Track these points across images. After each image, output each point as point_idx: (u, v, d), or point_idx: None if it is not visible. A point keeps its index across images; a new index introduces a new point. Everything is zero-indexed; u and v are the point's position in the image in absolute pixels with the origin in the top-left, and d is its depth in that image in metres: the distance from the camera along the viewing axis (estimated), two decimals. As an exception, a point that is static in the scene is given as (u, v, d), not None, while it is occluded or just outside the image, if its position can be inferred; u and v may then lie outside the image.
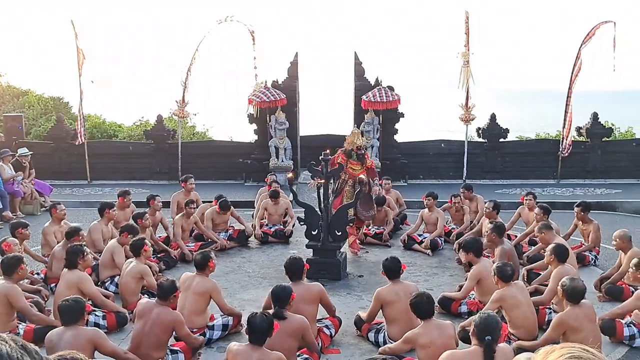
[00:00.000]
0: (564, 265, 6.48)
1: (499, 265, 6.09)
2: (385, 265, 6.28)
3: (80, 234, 7.77)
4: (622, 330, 6.21)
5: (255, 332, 4.63)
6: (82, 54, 15.39)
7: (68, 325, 5.00)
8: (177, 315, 5.69)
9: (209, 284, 6.40)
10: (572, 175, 15.91)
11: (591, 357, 1.46)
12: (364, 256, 9.60)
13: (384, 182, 11.53)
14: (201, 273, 6.44)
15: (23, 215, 12.12)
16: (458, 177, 15.89)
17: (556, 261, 6.51)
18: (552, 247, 6.64)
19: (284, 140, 15.45)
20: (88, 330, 5.06)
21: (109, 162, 16.60)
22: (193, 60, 15.88)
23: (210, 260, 6.47)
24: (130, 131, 21.09)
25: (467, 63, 15.08)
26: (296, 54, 16.16)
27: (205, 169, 16.23)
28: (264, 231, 10.38)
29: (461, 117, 15.63)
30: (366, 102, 14.89)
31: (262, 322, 4.62)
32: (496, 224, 7.90)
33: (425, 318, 5.20)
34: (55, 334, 5.05)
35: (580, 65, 14.69)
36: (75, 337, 4.89)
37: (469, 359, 4.31)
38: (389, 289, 6.16)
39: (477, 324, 4.36)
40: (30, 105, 21.66)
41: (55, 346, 4.85)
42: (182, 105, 16.13)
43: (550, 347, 1.55)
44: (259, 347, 4.61)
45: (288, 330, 5.18)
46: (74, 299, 5.16)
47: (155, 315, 5.53)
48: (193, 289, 6.34)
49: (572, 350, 1.49)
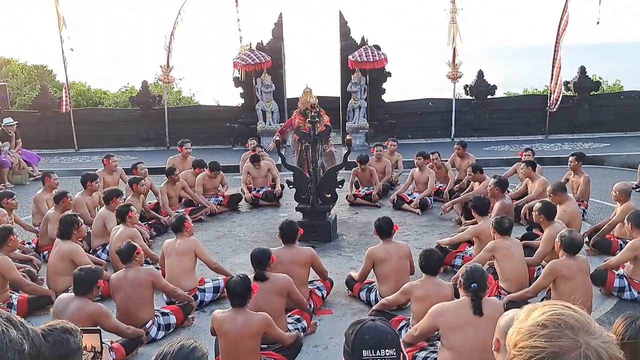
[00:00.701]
0: (553, 224, 6.50)
1: (497, 218, 6.17)
2: (378, 225, 6.33)
3: (68, 196, 7.85)
4: (613, 281, 6.31)
5: (234, 295, 4.66)
6: (64, 21, 15.12)
7: (77, 295, 5.03)
8: (150, 269, 5.91)
9: (190, 242, 6.52)
10: (560, 130, 15.94)
11: (573, 314, 1.48)
12: (354, 217, 9.65)
13: (390, 143, 11.40)
14: (180, 235, 6.52)
15: (12, 186, 12.07)
16: (446, 135, 15.92)
17: (546, 220, 6.54)
18: (539, 207, 6.58)
19: (270, 103, 15.36)
20: (92, 305, 5.06)
21: (96, 129, 16.49)
22: (176, 24, 15.64)
23: (185, 221, 6.57)
24: (115, 98, 20.88)
25: (454, 20, 14.95)
26: (280, 15, 15.95)
27: (192, 134, 16.07)
28: (254, 195, 10.39)
29: (448, 74, 15.57)
30: (352, 61, 14.79)
31: (238, 284, 4.64)
32: (500, 178, 7.95)
33: (428, 274, 5.27)
34: (63, 300, 5.10)
35: (567, 18, 14.53)
36: (78, 309, 4.92)
37: (458, 308, 4.38)
38: (380, 247, 6.23)
39: (463, 274, 4.44)
40: (14, 74, 21.37)
41: (60, 313, 4.92)
42: (167, 71, 15.93)
43: (532, 306, 1.57)
44: (242, 309, 4.64)
45: (272, 289, 5.23)
46: (88, 270, 5.16)
47: (131, 278, 5.64)
48: (176, 250, 6.44)
49: (554, 307, 1.51)
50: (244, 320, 4.58)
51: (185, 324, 5.99)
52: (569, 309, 1.50)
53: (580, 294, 5.24)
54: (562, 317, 1.47)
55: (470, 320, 4.27)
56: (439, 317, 4.40)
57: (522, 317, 1.55)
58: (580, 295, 5.21)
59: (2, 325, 1.37)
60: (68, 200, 7.81)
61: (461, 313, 4.33)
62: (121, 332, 5.26)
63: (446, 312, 4.40)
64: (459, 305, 4.40)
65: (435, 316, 4.43)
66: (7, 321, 1.40)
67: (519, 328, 1.52)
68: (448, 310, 4.41)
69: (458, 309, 4.37)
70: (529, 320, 1.51)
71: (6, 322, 1.40)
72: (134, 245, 5.88)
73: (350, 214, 9.78)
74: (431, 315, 4.46)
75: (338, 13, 15.90)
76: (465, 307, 4.34)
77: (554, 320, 1.46)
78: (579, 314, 1.49)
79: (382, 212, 9.59)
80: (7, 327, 1.38)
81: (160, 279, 5.88)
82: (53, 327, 1.88)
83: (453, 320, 4.33)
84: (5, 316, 1.42)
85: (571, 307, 1.51)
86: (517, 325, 1.54)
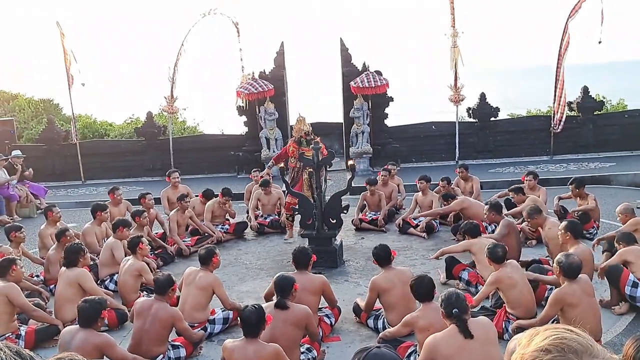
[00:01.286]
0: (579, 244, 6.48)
1: (489, 247, 6.09)
2: (376, 253, 6.31)
3: (67, 234, 7.82)
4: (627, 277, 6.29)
5: (247, 325, 4.62)
6: (73, 56, 15.35)
7: (82, 327, 5.03)
8: (174, 311, 5.77)
9: (211, 278, 6.42)
10: (565, 150, 15.93)
11: (575, 337, 1.48)
12: (360, 242, 9.63)
13: (390, 167, 11.31)
14: (205, 268, 6.46)
15: (20, 219, 12.12)
16: (450, 158, 15.93)
17: (572, 238, 6.51)
18: (565, 225, 6.57)
19: (274, 131, 15.46)
20: (98, 335, 5.05)
21: (102, 161, 16.61)
22: (179, 55, 15.82)
23: (214, 256, 6.51)
24: (121, 129, 21.05)
25: (455, 44, 15.07)
26: (282, 44, 16.12)
27: (197, 163, 16.26)
28: (259, 222, 10.41)
29: (451, 97, 15.62)
30: (354, 87, 14.91)
31: (253, 314, 4.60)
32: (492, 202, 8.05)
33: (424, 301, 5.22)
34: (68, 332, 5.09)
35: (568, 39, 14.62)
36: (84, 341, 4.91)
37: (449, 337, 4.37)
38: (383, 276, 6.18)
39: (441, 304, 4.48)
40: (21, 108, 21.59)
41: (66, 344, 4.91)
42: (171, 101, 16.08)
43: (534, 330, 1.57)
44: (254, 339, 4.60)
45: (291, 320, 5.18)
46: (92, 301, 5.13)
47: (154, 312, 5.57)
48: (196, 283, 6.37)
49: (556, 331, 1.51)
50: (254, 351, 4.54)
51: (194, 354, 5.95)
52: (571, 332, 1.50)
53: (588, 318, 5.21)
54: (564, 341, 1.47)
55: (463, 346, 4.29)
56: (434, 350, 4.39)
57: (525, 342, 1.55)
58: (588, 319, 5.20)
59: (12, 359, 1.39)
60: (68, 238, 7.71)
61: (452, 341, 4.34)
62: None
63: (439, 343, 4.39)
64: (449, 334, 4.40)
65: (431, 350, 4.41)
66: (16, 355, 1.42)
67: (522, 354, 1.52)
68: (440, 341, 4.40)
69: (449, 338, 4.38)
70: (532, 346, 1.51)
71: (16, 355, 1.41)
72: (172, 281, 5.84)
73: (357, 239, 9.77)
74: (426, 349, 4.44)
75: (339, 40, 16.06)
76: (454, 334, 4.35)
77: (557, 344, 1.47)
78: (581, 337, 1.49)
79: (388, 237, 9.60)
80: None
81: (182, 322, 5.75)
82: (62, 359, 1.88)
83: (447, 349, 4.33)
84: (15, 350, 1.43)
85: (573, 331, 1.52)
86: (520, 351, 1.54)
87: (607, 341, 5.64)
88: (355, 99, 15.13)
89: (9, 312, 6.15)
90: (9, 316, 6.15)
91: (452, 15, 15.07)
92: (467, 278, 7.19)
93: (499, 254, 5.99)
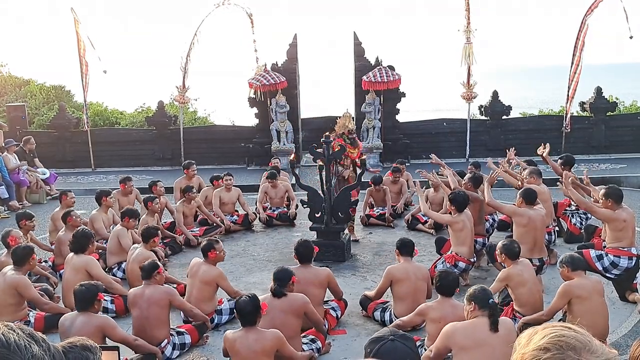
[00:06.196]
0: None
1: (505, 243, 6.07)
2: (401, 243, 6.39)
3: (72, 214, 7.93)
4: (590, 256, 6.67)
5: (242, 315, 4.70)
6: (91, 43, 15.39)
7: (80, 311, 5.06)
8: (167, 288, 5.89)
9: (214, 272, 6.42)
10: (576, 150, 15.70)
11: (574, 334, 1.49)
12: (368, 237, 9.63)
13: (399, 165, 11.12)
14: (206, 261, 6.47)
15: (30, 204, 12.20)
16: (461, 156, 15.87)
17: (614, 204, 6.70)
18: (604, 193, 6.78)
19: (285, 124, 15.44)
20: (98, 317, 5.09)
21: (113, 149, 16.63)
22: (192, 45, 15.82)
23: (211, 250, 6.41)
24: (132, 118, 21.08)
25: (469, 40, 14.99)
26: (295, 36, 16.08)
27: (207, 154, 16.25)
28: (268, 214, 10.42)
29: (463, 95, 15.55)
30: (367, 82, 14.85)
31: (247, 304, 4.66)
32: (474, 174, 8.40)
33: (444, 295, 5.26)
34: (67, 319, 5.14)
35: (584, 37, 14.45)
36: (84, 324, 4.94)
37: (469, 328, 4.36)
38: (400, 266, 6.26)
39: (475, 296, 4.42)
40: (33, 94, 21.65)
41: (66, 331, 4.94)
42: (183, 91, 16.09)
43: (532, 330, 1.59)
44: (253, 328, 4.66)
45: (288, 309, 5.23)
46: (88, 285, 5.18)
47: (148, 296, 5.64)
48: (200, 277, 6.39)
49: (554, 329, 1.52)
50: (255, 339, 4.60)
51: (200, 342, 5.99)
52: (569, 330, 1.52)
53: (596, 315, 5.21)
54: (563, 339, 1.48)
55: (482, 341, 4.25)
56: (451, 337, 4.39)
57: (524, 342, 1.57)
58: (596, 316, 5.20)
59: (25, 340, 1.39)
60: (73, 218, 7.84)
61: (471, 334, 4.31)
62: (129, 344, 5.24)
63: (457, 331, 4.38)
64: (471, 326, 4.38)
65: (448, 337, 4.41)
66: (29, 337, 1.42)
67: (522, 353, 1.54)
68: (460, 330, 4.39)
69: (469, 330, 4.36)
70: (531, 345, 1.52)
71: (29, 337, 1.42)
72: (157, 265, 5.90)
73: (365, 234, 9.76)
74: (444, 335, 4.44)
75: (353, 34, 16.02)
76: (476, 327, 4.32)
77: (556, 342, 1.48)
78: (579, 334, 1.50)
79: (396, 232, 9.60)
80: (29, 342, 1.40)
81: (177, 297, 5.88)
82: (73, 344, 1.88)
83: (464, 341, 4.32)
84: (28, 332, 1.44)
85: (571, 328, 1.53)
86: (520, 351, 1.55)
87: (612, 342, 5.62)
88: (367, 93, 15.09)
89: (18, 302, 6.18)
90: (17, 306, 6.18)
91: (467, 11, 14.98)
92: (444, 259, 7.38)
93: (515, 249, 5.99)
